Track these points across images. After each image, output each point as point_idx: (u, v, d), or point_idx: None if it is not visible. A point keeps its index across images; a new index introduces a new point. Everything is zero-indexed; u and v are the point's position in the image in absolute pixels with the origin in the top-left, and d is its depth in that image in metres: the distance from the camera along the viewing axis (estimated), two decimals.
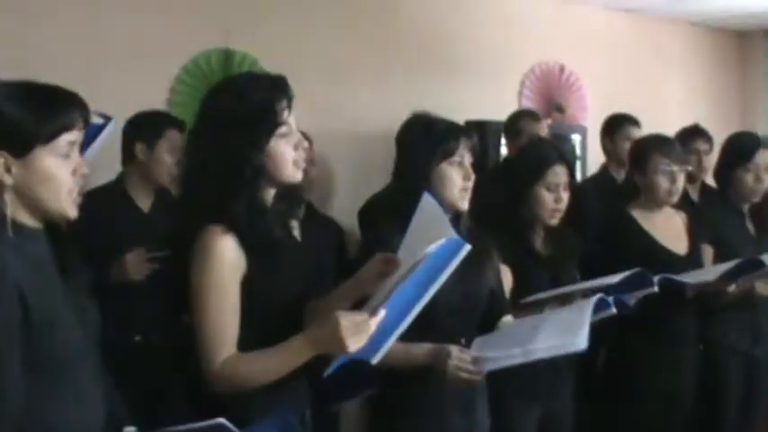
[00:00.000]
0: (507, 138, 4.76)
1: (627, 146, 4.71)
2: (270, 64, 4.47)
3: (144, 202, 3.59)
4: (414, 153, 2.73)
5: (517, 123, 4.69)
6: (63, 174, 1.81)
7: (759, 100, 7.42)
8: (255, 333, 2.13)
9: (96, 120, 3.23)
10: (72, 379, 1.83)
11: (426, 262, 2.07)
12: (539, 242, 3.24)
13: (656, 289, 3.03)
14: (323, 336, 2.02)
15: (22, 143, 1.76)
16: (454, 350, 2.55)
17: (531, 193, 3.16)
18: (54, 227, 1.88)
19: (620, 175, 4.85)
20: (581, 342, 2.45)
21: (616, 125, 4.95)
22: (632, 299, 3.02)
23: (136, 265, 3.32)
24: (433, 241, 2.05)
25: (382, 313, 2.02)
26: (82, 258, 1.94)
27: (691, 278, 3.33)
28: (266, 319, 2.17)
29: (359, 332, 1.99)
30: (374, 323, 2.01)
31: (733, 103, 7.33)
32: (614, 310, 2.77)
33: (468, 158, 2.71)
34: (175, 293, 2.23)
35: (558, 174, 3.17)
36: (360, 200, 4.44)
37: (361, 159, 4.95)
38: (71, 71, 3.04)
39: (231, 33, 4.50)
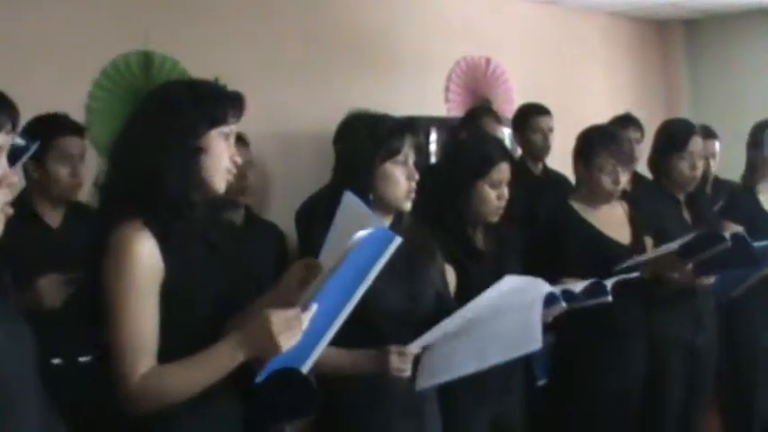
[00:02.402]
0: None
1: (537, 137, 4.78)
2: (192, 67, 4.37)
3: (53, 219, 3.26)
4: (356, 152, 2.62)
5: (477, 120, 4.64)
6: None
7: (681, 88, 7.54)
8: (175, 345, 1.97)
9: (17, 141, 2.92)
10: (10, 416, 1.64)
11: (354, 258, 1.98)
12: (480, 239, 3.18)
13: (609, 299, 2.98)
14: (252, 335, 1.90)
15: None
16: (393, 355, 2.48)
17: (474, 191, 3.08)
18: None
19: (536, 167, 4.81)
20: (535, 341, 2.42)
21: (522, 118, 4.91)
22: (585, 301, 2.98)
23: (50, 291, 2.98)
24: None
25: (314, 308, 1.92)
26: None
27: (643, 258, 3.32)
28: (186, 329, 2.01)
29: (290, 328, 1.87)
30: (306, 318, 1.90)
31: (656, 91, 7.42)
32: (564, 305, 2.74)
33: (411, 157, 2.62)
34: (95, 308, 2.06)
35: (503, 171, 3.10)
36: (290, 200, 4.34)
37: (290, 160, 4.86)
38: None
39: (150, 36, 4.35)
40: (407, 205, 2.63)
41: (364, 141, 2.61)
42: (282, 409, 2.09)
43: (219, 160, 2.07)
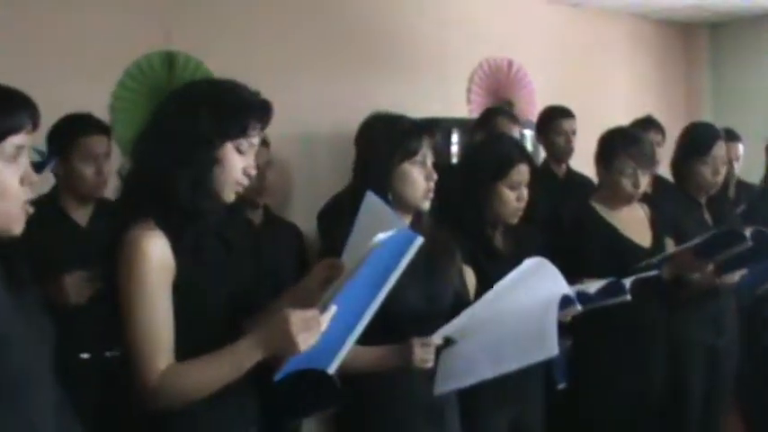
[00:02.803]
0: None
1: (560, 140, 4.77)
2: (215, 66, 4.39)
3: (80, 217, 3.32)
4: (374, 153, 2.64)
5: (492, 120, 4.61)
6: (9, 181, 1.63)
7: (704, 91, 7.48)
8: (190, 342, 1.98)
9: (33, 157, 2.97)
10: (28, 401, 1.65)
11: (376, 259, 1.99)
12: (499, 241, 3.17)
13: (628, 298, 2.96)
14: (271, 334, 1.90)
15: None
16: (416, 347, 2.49)
17: (493, 192, 3.08)
18: (9, 240, 1.69)
19: (560, 169, 4.80)
20: (551, 348, 2.42)
21: (546, 120, 4.91)
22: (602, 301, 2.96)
23: (75, 288, 3.05)
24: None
25: (333, 309, 1.92)
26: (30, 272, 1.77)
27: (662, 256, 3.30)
28: (200, 327, 2.02)
29: (309, 328, 1.87)
30: (325, 319, 1.90)
31: (678, 94, 7.37)
32: (579, 308, 2.73)
33: (430, 157, 2.63)
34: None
35: (522, 172, 3.09)
36: (311, 202, 4.35)
37: (311, 161, 4.87)
38: (5, 77, 2.87)
39: (173, 35, 4.38)
40: (426, 205, 2.64)
41: (382, 142, 2.62)
42: (302, 405, 2.10)
43: (231, 173, 2.07)
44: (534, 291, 2.65)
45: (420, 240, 2.03)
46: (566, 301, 2.67)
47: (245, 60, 4.38)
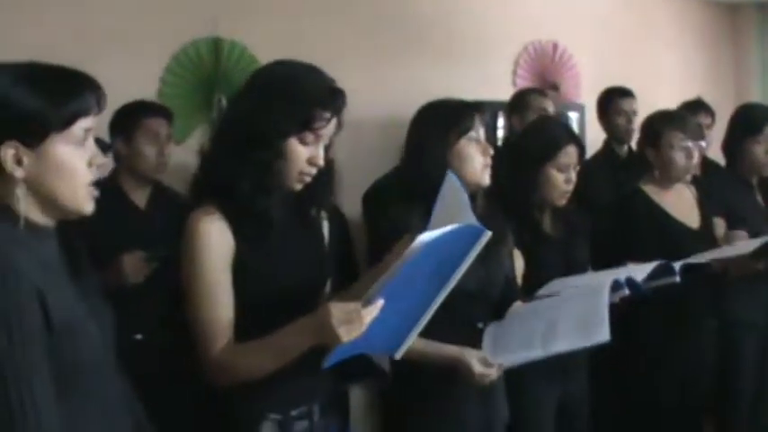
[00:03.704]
0: (513, 114, 4.69)
1: (621, 120, 4.80)
2: (259, 52, 4.42)
3: (139, 199, 3.45)
4: (430, 133, 2.67)
5: (525, 98, 4.64)
6: (79, 164, 1.65)
7: (752, 73, 7.38)
8: (250, 322, 2.04)
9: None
10: (97, 390, 1.69)
11: (435, 250, 1.99)
12: (548, 224, 3.17)
13: (677, 279, 2.94)
14: (315, 325, 1.94)
15: (34, 132, 1.60)
16: (476, 365, 2.53)
17: (541, 174, 3.07)
18: (62, 225, 1.72)
19: (621, 150, 4.80)
20: (603, 334, 2.44)
21: (606, 101, 4.95)
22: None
23: (133, 267, 3.17)
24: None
25: (380, 303, 1.93)
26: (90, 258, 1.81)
27: (713, 255, 3.26)
28: (261, 307, 2.07)
29: (350, 322, 1.89)
30: (369, 313, 1.91)
31: (726, 76, 7.28)
32: (627, 291, 2.74)
33: (483, 134, 2.67)
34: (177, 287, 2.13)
35: (570, 154, 3.08)
36: (356, 186, 4.35)
37: (356, 145, 4.86)
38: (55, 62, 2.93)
39: (219, 22, 4.40)
40: (486, 179, 2.68)
41: (437, 122, 2.67)
42: (347, 374, 2.15)
43: (295, 165, 2.09)
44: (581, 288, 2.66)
45: (488, 235, 2.04)
46: (615, 287, 2.70)
47: (291, 47, 4.36)
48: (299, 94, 2.08)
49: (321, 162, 2.14)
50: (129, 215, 3.38)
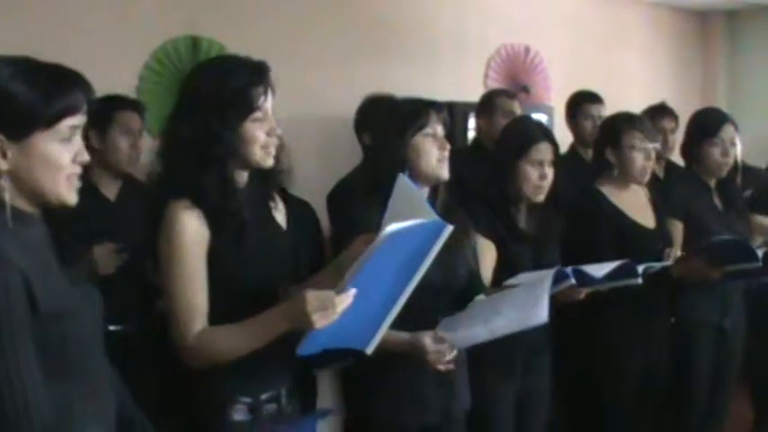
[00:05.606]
0: (481, 115, 4.72)
1: (588, 124, 4.83)
2: (236, 50, 4.41)
3: (110, 191, 3.52)
4: (386, 131, 2.77)
5: (492, 100, 4.68)
6: (63, 159, 1.71)
7: (719, 79, 7.53)
8: (222, 310, 2.15)
9: None
10: (86, 372, 1.76)
11: (402, 245, 2.08)
12: (522, 219, 3.27)
13: (640, 281, 3.06)
14: (292, 311, 2.05)
15: (20, 126, 1.65)
16: (429, 344, 2.58)
17: (515, 169, 3.18)
18: (50, 211, 1.78)
19: (587, 154, 4.86)
20: (542, 315, 2.50)
21: (575, 105, 5.00)
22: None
23: (104, 258, 3.24)
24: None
25: (352, 291, 2.03)
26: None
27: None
28: (232, 296, 2.18)
29: (325, 308, 2.00)
30: (342, 300, 2.01)
31: (694, 82, 7.42)
32: (573, 281, 2.86)
33: (440, 131, 2.75)
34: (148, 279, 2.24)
35: (542, 150, 3.19)
36: (325, 184, 4.42)
37: (327, 143, 4.93)
38: None
39: (198, 20, 4.47)
40: (444, 173, 2.75)
41: (391, 119, 2.77)
42: (320, 360, 2.25)
43: (257, 144, 2.20)
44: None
45: (450, 229, 2.14)
46: (561, 277, 2.82)
47: (268, 45, 4.44)
48: (231, 89, 2.16)
49: (279, 131, 2.24)
50: (100, 207, 3.42)
